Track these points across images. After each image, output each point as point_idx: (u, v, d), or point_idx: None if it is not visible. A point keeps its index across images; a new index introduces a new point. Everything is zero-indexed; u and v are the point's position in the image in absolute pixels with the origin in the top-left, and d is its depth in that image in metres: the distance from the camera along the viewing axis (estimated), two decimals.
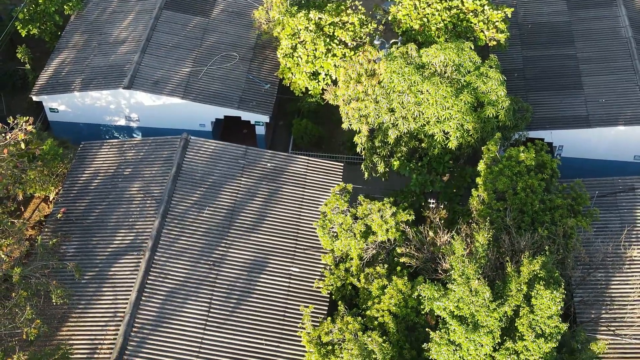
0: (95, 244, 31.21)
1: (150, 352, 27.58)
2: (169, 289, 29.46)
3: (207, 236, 31.29)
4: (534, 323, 21.38)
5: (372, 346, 22.86)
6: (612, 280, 29.32)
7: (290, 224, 32.21)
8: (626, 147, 36.87)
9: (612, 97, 37.56)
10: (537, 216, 27.21)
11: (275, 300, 29.63)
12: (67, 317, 28.75)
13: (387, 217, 28.59)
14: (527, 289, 22.15)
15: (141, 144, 35.02)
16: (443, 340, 22.23)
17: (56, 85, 38.74)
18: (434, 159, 33.28)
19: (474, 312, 21.72)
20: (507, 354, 21.49)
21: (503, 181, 27.43)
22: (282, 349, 28.28)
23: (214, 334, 28.34)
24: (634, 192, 33.18)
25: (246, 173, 33.83)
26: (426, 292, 22.49)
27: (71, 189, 33.67)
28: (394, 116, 32.92)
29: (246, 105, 38.23)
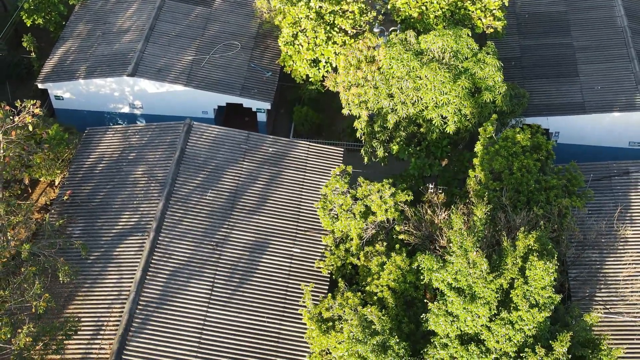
0: (100, 225, 31.87)
1: (155, 329, 28.23)
2: (173, 268, 30.13)
3: (210, 218, 31.96)
4: (528, 294, 22.05)
5: (372, 317, 23.52)
6: (606, 260, 29.99)
7: (292, 206, 32.88)
8: (621, 133, 37.54)
9: (607, 84, 38.25)
10: (533, 196, 27.87)
11: (276, 279, 30.29)
12: (73, 296, 29.41)
13: (386, 198, 29.26)
14: (522, 263, 22.81)
15: (145, 129, 35.70)
16: (441, 312, 22.90)
17: (61, 73, 39.43)
18: (432, 143, 33.95)
19: (471, 284, 22.38)
20: (502, 324, 22.16)
21: (499, 161, 28.11)
22: (283, 327, 28.95)
23: (217, 311, 28.99)
24: (629, 175, 33.84)
25: (248, 157, 34.50)
26: (425, 263, 23.16)
27: (77, 172, 34.34)
28: (393, 101, 33.59)
29: (248, 93, 38.92)
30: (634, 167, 34.20)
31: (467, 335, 22.96)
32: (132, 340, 27.81)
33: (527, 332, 22.14)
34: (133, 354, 27.44)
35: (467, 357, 22.52)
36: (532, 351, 21.84)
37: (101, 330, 28.24)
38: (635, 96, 37.35)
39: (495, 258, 23.27)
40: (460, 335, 23.01)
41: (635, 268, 29.24)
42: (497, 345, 22.40)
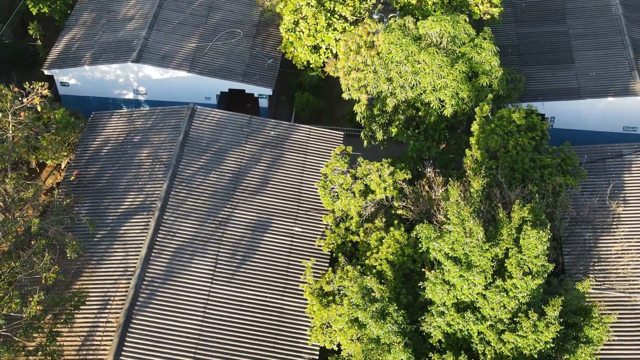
0: (106, 205, 32.66)
1: (160, 303, 29.02)
2: (178, 246, 30.91)
3: (213, 198, 32.75)
4: (522, 262, 22.82)
5: (371, 285, 24.31)
6: (599, 236, 30.79)
7: (293, 187, 33.67)
8: (615, 118, 38.32)
9: (602, 70, 39.04)
10: (527, 173, 28.66)
11: (278, 257, 31.07)
12: (81, 272, 30.20)
13: (385, 176, 30.07)
14: (517, 234, 23.59)
15: (150, 113, 36.51)
16: (438, 280, 23.68)
17: (67, 60, 40.22)
18: (430, 126, 34.72)
19: (467, 253, 23.16)
20: (497, 292, 22.93)
21: (495, 139, 28.90)
22: (285, 302, 29.73)
23: (221, 287, 29.78)
24: (622, 157, 34.63)
25: (250, 140, 35.30)
26: (423, 232, 23.94)
27: (83, 155, 35.13)
28: (392, 85, 34.38)
29: (250, 79, 39.72)
30: (627, 149, 34.99)
31: (463, 303, 23.74)
32: (138, 314, 28.59)
33: (521, 300, 22.92)
34: (139, 327, 28.22)
35: (463, 323, 23.31)
36: (525, 316, 22.63)
37: (108, 304, 29.02)
38: (629, 82, 38.13)
39: (491, 229, 24.05)
40: (457, 304, 23.78)
41: (628, 243, 30.01)
42: (492, 312, 23.18)
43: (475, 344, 23.44)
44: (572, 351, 22.98)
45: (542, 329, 22.24)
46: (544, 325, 22.27)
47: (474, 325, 23.22)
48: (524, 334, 22.47)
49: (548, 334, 22.20)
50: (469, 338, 23.63)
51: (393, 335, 23.14)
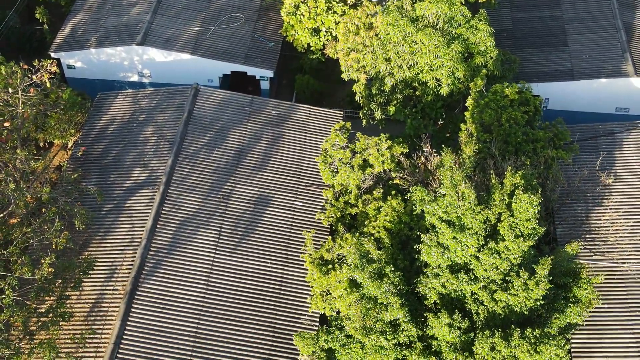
0: (113, 180, 33.67)
1: (165, 272, 30.02)
2: (182, 218, 31.91)
3: (216, 173, 33.76)
4: (514, 225, 23.80)
5: (368, 247, 25.32)
6: (590, 210, 31.79)
7: (293, 163, 34.67)
8: (608, 99, 39.32)
9: (595, 53, 40.07)
10: (520, 146, 29.66)
11: (279, 229, 32.07)
12: (88, 243, 31.19)
13: (383, 150, 31.07)
14: (509, 199, 24.58)
15: (154, 93, 37.53)
16: (432, 243, 24.67)
17: (73, 43, 41.23)
18: (427, 105, 35.73)
19: (460, 216, 24.16)
20: (490, 254, 23.91)
21: (489, 113, 29.90)
22: (286, 271, 30.73)
23: (224, 257, 30.77)
24: (614, 136, 35.62)
25: (252, 119, 36.30)
26: (417, 194, 24.93)
27: (89, 133, 36.13)
28: (390, 65, 35.38)
29: (252, 61, 40.73)
30: (619, 128, 35.99)
31: (457, 265, 24.73)
32: (144, 282, 29.59)
33: (512, 261, 23.90)
34: (145, 295, 29.22)
35: (457, 284, 24.30)
36: (516, 275, 23.63)
37: (115, 273, 30.02)
38: (621, 64, 39.14)
39: (484, 195, 25.04)
40: (451, 266, 24.77)
41: (617, 213, 31.05)
42: (484, 273, 24.17)
43: (469, 303, 24.43)
44: (562, 310, 23.94)
45: (532, 287, 23.24)
46: (534, 284, 23.27)
47: (467, 286, 24.21)
48: (515, 293, 23.48)
49: (538, 291, 23.20)
50: (462, 298, 24.63)
51: (390, 295, 24.13)
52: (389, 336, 23.78)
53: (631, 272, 29.63)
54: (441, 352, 24.12)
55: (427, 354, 23.97)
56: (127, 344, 27.79)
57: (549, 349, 22.19)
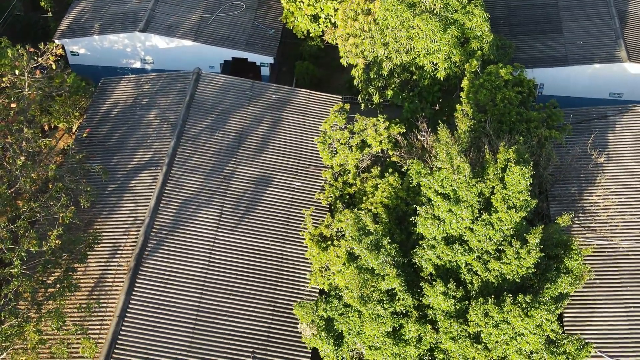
0: (116, 161, 34.44)
1: (168, 249, 30.78)
2: (184, 198, 32.68)
3: (218, 155, 34.53)
4: (506, 197, 24.55)
5: (365, 219, 26.09)
6: (583, 189, 32.57)
7: (293, 145, 35.44)
8: (602, 84, 40.10)
9: (589, 39, 40.87)
10: (514, 126, 30.43)
11: (279, 208, 32.84)
12: (93, 222, 31.93)
13: (381, 130, 31.84)
14: (502, 174, 25.32)
15: (157, 78, 38.29)
16: (428, 215, 25.43)
17: (77, 30, 42.01)
18: (424, 89, 36.51)
19: (455, 189, 24.91)
20: (483, 225, 24.67)
21: (483, 93, 30.67)
22: (286, 249, 31.50)
23: (225, 235, 31.54)
24: (607, 119, 36.39)
25: (253, 103, 37.08)
26: (413, 167, 25.68)
27: (93, 116, 36.90)
28: (388, 50, 36.15)
29: (252, 48, 41.53)
30: (611, 111, 36.76)
31: (452, 237, 25.49)
32: (148, 259, 30.35)
33: (505, 232, 24.66)
34: (148, 271, 29.99)
35: (452, 255, 25.06)
36: (509, 245, 24.40)
37: (119, 250, 30.79)
38: (615, 50, 39.92)
39: (478, 170, 25.81)
40: (446, 238, 25.53)
41: (609, 190, 31.88)
42: (478, 244, 24.93)
43: (464, 274, 25.20)
44: (553, 280, 24.69)
45: (524, 255, 24.01)
46: (526, 252, 24.04)
47: (462, 257, 24.97)
48: (507, 261, 24.24)
49: (530, 259, 23.96)
50: (457, 269, 25.39)
51: (387, 266, 24.88)
52: (386, 305, 24.54)
53: (622, 247, 30.41)
54: (436, 321, 24.89)
55: (422, 322, 24.73)
56: (131, 317, 28.55)
57: (539, 314, 22.94)
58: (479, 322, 23.73)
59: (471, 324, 23.99)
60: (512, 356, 23.75)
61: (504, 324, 23.26)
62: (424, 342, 24.55)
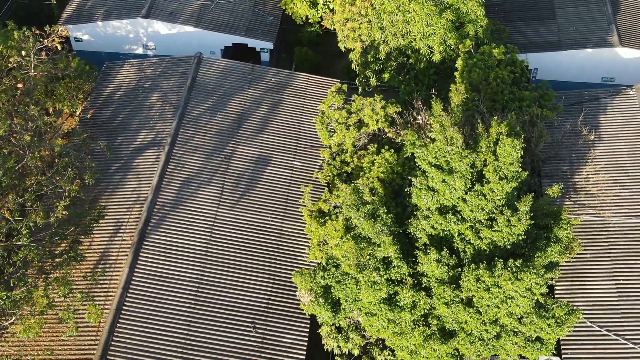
0: (120, 141, 35.30)
1: (170, 225, 31.66)
2: (186, 176, 33.55)
3: (219, 135, 35.40)
4: (498, 168, 25.41)
5: (363, 189, 26.97)
6: (575, 169, 33.45)
7: (292, 127, 36.31)
8: (594, 69, 40.98)
9: (582, 25, 41.77)
10: (507, 104, 31.31)
11: (279, 186, 33.71)
12: (97, 199, 32.80)
13: (377, 110, 32.72)
14: (494, 147, 26.20)
15: (159, 62, 39.17)
16: (423, 186, 26.31)
17: (80, 16, 42.87)
18: (420, 72, 37.39)
19: (449, 160, 25.80)
20: (476, 195, 25.54)
21: (477, 72, 31.55)
22: (285, 225, 32.37)
23: (226, 211, 32.41)
24: (599, 101, 37.28)
25: (253, 86, 37.97)
26: (408, 138, 26.55)
27: (97, 99, 37.78)
28: (385, 33, 37.04)
29: (252, 34, 42.40)
30: (603, 94, 37.65)
31: (446, 208, 26.37)
32: (151, 234, 31.22)
33: (497, 202, 25.53)
34: (151, 245, 30.86)
35: (446, 224, 25.94)
36: (500, 213, 25.28)
37: (123, 226, 31.66)
38: (607, 35, 40.80)
39: (471, 143, 26.68)
40: (440, 208, 26.42)
41: (599, 165, 32.80)
42: (471, 214, 25.81)
43: (457, 243, 26.08)
44: (543, 249, 25.56)
45: (515, 223, 24.88)
46: (517, 220, 24.91)
47: (455, 226, 25.85)
48: (498, 229, 25.12)
49: (520, 226, 24.84)
50: (450, 238, 26.26)
51: (383, 235, 25.75)
52: (382, 272, 25.41)
53: (611, 222, 31.30)
54: (430, 288, 25.77)
55: (417, 289, 25.59)
56: (135, 289, 29.43)
57: (529, 277, 23.81)
58: (471, 287, 24.62)
59: (464, 289, 24.86)
60: (503, 319, 24.64)
61: (495, 288, 24.14)
62: (419, 308, 25.43)
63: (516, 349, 25.24)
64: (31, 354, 26.50)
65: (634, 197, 32.41)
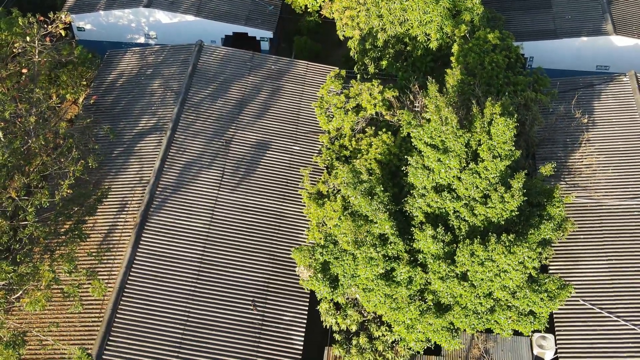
0: (123, 126, 35.97)
1: (172, 206, 32.32)
2: (188, 160, 34.21)
3: (219, 121, 36.06)
4: (492, 147, 26.05)
5: (360, 167, 27.63)
6: (569, 152, 34.13)
7: (292, 113, 36.98)
8: (589, 57, 41.62)
9: (577, 14, 42.43)
10: (502, 88, 31.97)
11: (278, 170, 34.38)
12: (100, 182, 33.45)
13: (375, 94, 33.38)
14: (488, 127, 26.84)
15: (161, 50, 39.85)
16: (418, 165, 26.97)
17: (83, 6, 43.56)
18: (417, 59, 38.04)
19: (444, 140, 26.45)
20: (470, 174, 26.19)
21: (472, 56, 32.21)
22: (284, 207, 33.03)
23: (227, 194, 33.08)
24: (593, 87, 37.93)
25: (253, 73, 38.63)
26: (404, 117, 27.21)
27: (100, 86, 38.44)
28: (383, 21, 37.72)
29: (252, 23, 43.08)
30: (597, 80, 38.31)
31: (441, 186, 27.02)
32: (153, 215, 31.89)
33: (491, 180, 26.17)
34: (154, 226, 31.52)
35: (441, 202, 26.60)
36: (494, 190, 25.92)
37: (126, 207, 32.33)
38: (602, 23, 41.48)
39: (466, 123, 27.34)
40: (435, 187, 27.07)
41: (593, 152, 33.46)
42: (466, 192, 26.46)
43: (452, 220, 26.73)
44: (536, 226, 26.21)
45: (508, 199, 25.54)
46: (510, 196, 25.57)
47: (450, 203, 26.50)
48: (492, 205, 25.77)
49: (514, 202, 25.49)
50: (446, 216, 26.92)
51: (379, 212, 26.40)
52: (379, 248, 26.06)
53: (604, 204, 31.96)
54: (426, 265, 26.42)
55: (413, 265, 26.25)
56: (138, 267, 30.10)
57: (521, 251, 24.46)
58: (466, 262, 25.27)
59: (458, 264, 25.52)
60: (496, 293, 25.31)
61: (489, 262, 24.80)
62: (415, 284, 26.08)
63: (510, 323, 25.91)
64: (37, 329, 27.17)
65: (626, 180, 33.08)
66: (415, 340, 26.88)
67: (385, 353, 27.99)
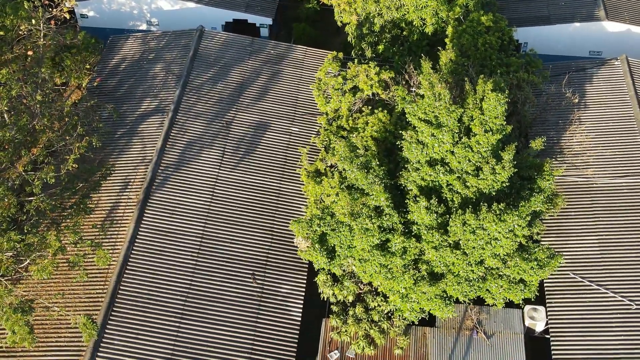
0: (125, 108, 36.85)
1: (174, 184, 33.21)
2: (189, 140, 35.09)
3: (220, 103, 36.94)
4: (484, 122, 26.92)
5: (356, 142, 28.51)
6: (561, 133, 35.00)
7: (290, 95, 37.87)
8: (582, 43, 42.50)
9: (570, 0, 43.34)
10: (495, 69, 32.83)
11: (277, 150, 35.26)
12: (104, 162, 34.31)
13: (372, 75, 34.26)
14: (480, 104, 27.71)
15: (162, 35, 40.73)
16: (413, 139, 27.85)
17: None
18: (413, 44, 38.89)
19: (437, 115, 27.32)
20: (463, 147, 27.07)
21: (466, 38, 33.08)
22: (283, 185, 33.93)
23: (227, 172, 33.96)
24: (585, 71, 38.80)
25: (253, 57, 39.51)
26: (398, 93, 28.08)
27: (103, 70, 39.32)
28: (379, 6, 38.58)
29: (252, 9, 43.98)
30: (590, 65, 39.19)
31: (435, 160, 27.90)
32: (156, 192, 32.77)
33: (483, 154, 27.03)
34: (156, 203, 32.41)
35: (435, 175, 27.48)
36: (485, 162, 26.80)
37: (129, 185, 33.21)
38: (594, 9, 42.36)
39: (459, 100, 28.21)
40: (429, 161, 27.95)
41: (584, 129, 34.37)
42: (458, 165, 27.33)
43: (445, 193, 27.60)
44: (527, 198, 27.08)
45: (499, 171, 26.40)
46: (501, 168, 26.44)
47: (443, 177, 27.37)
48: (484, 177, 26.64)
49: (504, 173, 26.35)
50: (439, 189, 27.79)
51: (375, 186, 27.28)
52: (374, 220, 26.93)
53: (595, 183, 32.85)
54: (420, 236, 27.28)
55: (407, 237, 27.12)
56: (141, 242, 30.98)
57: (511, 218, 25.33)
58: (458, 231, 26.15)
59: (451, 234, 26.40)
60: (488, 261, 26.19)
61: (480, 230, 25.67)
62: (409, 254, 26.96)
63: (501, 292, 26.78)
64: (44, 298, 28.05)
65: (616, 159, 33.96)
66: (410, 310, 27.76)
67: (380, 323, 28.86)
